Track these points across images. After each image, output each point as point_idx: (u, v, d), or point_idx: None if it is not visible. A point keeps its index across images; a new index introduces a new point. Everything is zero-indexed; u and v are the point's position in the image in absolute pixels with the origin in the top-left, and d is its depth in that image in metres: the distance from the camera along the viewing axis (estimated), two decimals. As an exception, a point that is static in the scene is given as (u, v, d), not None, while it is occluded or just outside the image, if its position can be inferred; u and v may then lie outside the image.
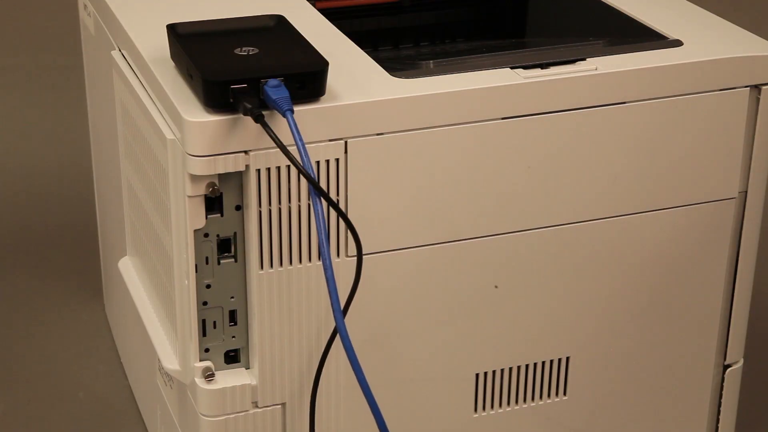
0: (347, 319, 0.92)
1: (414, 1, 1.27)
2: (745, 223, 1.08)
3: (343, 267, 0.96)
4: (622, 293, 1.07)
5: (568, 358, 1.08)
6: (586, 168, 1.01)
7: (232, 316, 0.97)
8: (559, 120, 0.98)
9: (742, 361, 1.15)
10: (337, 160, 0.93)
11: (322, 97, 0.91)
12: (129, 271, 1.13)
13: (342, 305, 0.93)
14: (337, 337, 0.95)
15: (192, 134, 0.88)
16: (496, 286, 1.02)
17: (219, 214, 0.93)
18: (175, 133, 0.91)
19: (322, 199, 0.88)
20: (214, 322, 0.96)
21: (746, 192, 1.07)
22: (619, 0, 1.16)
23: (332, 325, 0.96)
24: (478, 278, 1.01)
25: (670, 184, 1.04)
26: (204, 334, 0.96)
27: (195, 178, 0.89)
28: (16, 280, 1.55)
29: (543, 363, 1.07)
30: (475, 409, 1.07)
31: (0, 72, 2.12)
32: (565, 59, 0.99)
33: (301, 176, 0.91)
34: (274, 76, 0.88)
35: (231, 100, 0.88)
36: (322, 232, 0.87)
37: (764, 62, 1.02)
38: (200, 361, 0.96)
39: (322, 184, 0.93)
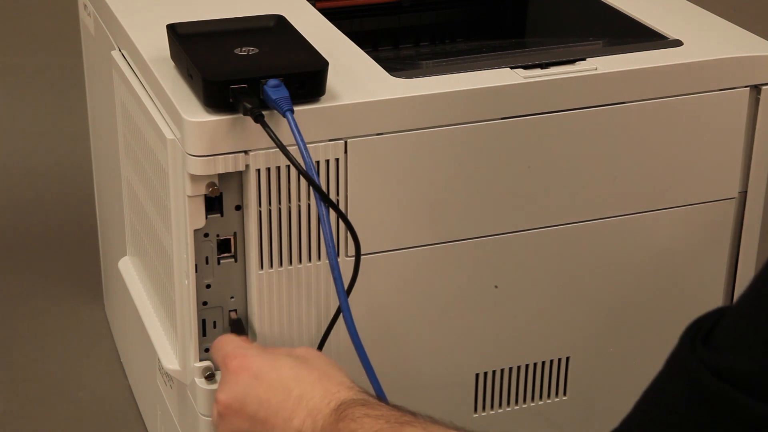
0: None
1: (414, 1, 1.27)
2: (745, 223, 1.08)
3: (343, 267, 0.95)
4: (622, 293, 1.07)
5: (568, 358, 1.08)
6: (586, 168, 1.01)
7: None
8: (559, 120, 0.98)
9: (742, 361, 1.15)
10: (337, 160, 0.93)
11: (322, 97, 0.91)
12: (129, 271, 1.13)
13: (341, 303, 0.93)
14: (336, 334, 0.95)
15: (192, 134, 0.88)
16: (496, 286, 1.02)
17: (219, 214, 0.93)
18: (175, 133, 0.91)
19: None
20: (214, 322, 0.96)
21: (746, 192, 1.07)
22: (619, 0, 1.16)
23: (329, 325, 0.96)
24: (478, 278, 1.01)
25: (670, 184, 1.04)
26: (204, 334, 0.96)
27: (195, 178, 0.89)
28: (16, 280, 1.55)
29: (543, 363, 1.07)
30: (475, 409, 1.07)
31: (0, 72, 2.12)
32: (565, 59, 0.99)
33: (301, 176, 0.91)
34: (274, 76, 0.88)
35: (231, 100, 0.88)
36: (327, 232, 0.88)
37: (764, 62, 1.02)
38: (200, 361, 0.96)
39: (322, 184, 0.93)
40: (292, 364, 0.87)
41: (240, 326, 0.95)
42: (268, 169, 0.91)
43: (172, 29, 0.95)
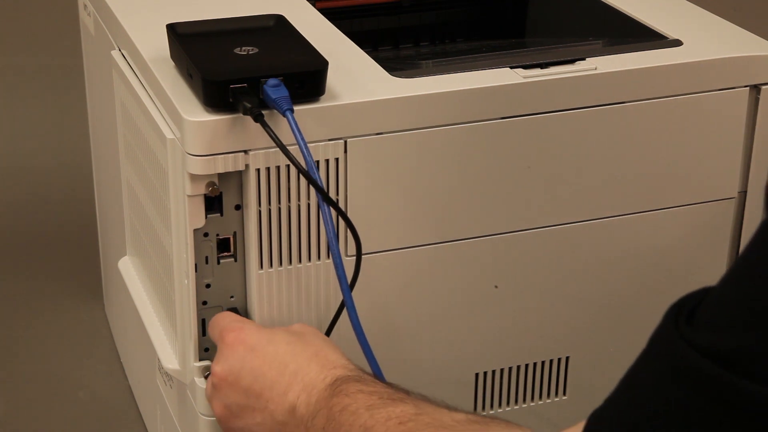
0: (345, 318, 0.92)
1: (414, 1, 1.27)
2: (745, 223, 1.08)
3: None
4: (622, 293, 1.07)
5: (568, 358, 1.08)
6: (586, 168, 1.01)
7: (232, 316, 0.97)
8: (559, 120, 0.98)
9: (742, 361, 1.14)
10: (337, 159, 0.93)
11: (322, 97, 0.91)
12: (129, 271, 1.13)
13: (341, 303, 0.93)
14: (337, 333, 0.95)
15: (192, 134, 0.88)
16: (496, 286, 1.02)
17: (219, 214, 0.93)
18: (175, 133, 0.91)
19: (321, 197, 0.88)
20: (214, 322, 0.96)
21: (746, 192, 1.07)
22: (619, 0, 1.16)
23: (330, 323, 0.96)
24: (478, 278, 1.01)
25: (670, 184, 1.04)
26: (204, 334, 0.96)
27: (195, 178, 0.89)
28: (16, 280, 1.55)
29: (543, 363, 1.07)
30: (475, 409, 1.07)
31: (0, 72, 2.12)
32: (564, 59, 0.99)
33: (301, 175, 0.91)
34: (274, 76, 0.88)
35: (231, 100, 0.88)
36: (330, 230, 0.88)
37: (764, 62, 1.02)
38: (200, 360, 0.96)
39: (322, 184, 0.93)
40: (289, 339, 0.88)
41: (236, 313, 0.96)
42: (268, 169, 0.91)
43: (172, 29, 0.95)
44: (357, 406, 0.80)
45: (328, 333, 0.95)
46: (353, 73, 0.97)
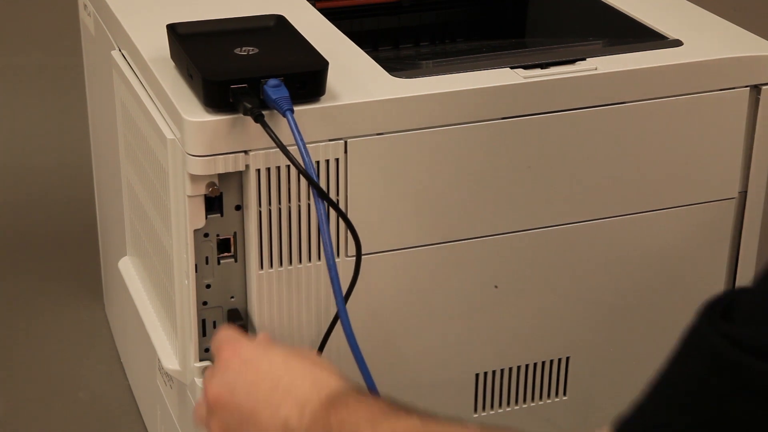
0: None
1: (414, 1, 1.27)
2: (745, 223, 1.08)
3: (343, 267, 0.96)
4: (622, 293, 1.07)
5: (568, 358, 1.08)
6: (586, 168, 1.01)
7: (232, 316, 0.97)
8: (559, 120, 0.98)
9: (742, 361, 1.14)
10: (337, 160, 0.93)
11: (322, 97, 0.91)
12: (129, 271, 1.13)
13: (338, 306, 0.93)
14: (337, 334, 0.95)
15: (192, 134, 0.88)
16: (496, 286, 1.02)
17: (219, 214, 0.93)
18: (175, 133, 0.91)
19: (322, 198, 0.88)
20: (214, 322, 0.96)
21: (746, 192, 1.07)
22: (619, 0, 1.16)
23: (330, 324, 0.96)
24: (478, 278, 1.01)
25: (670, 184, 1.04)
26: (204, 334, 0.96)
27: (195, 178, 0.89)
28: (16, 280, 1.55)
29: (543, 363, 1.07)
30: (475, 409, 1.07)
31: (0, 72, 2.12)
32: (565, 59, 0.99)
33: (301, 176, 0.91)
34: (274, 76, 0.88)
35: (231, 100, 0.88)
36: (325, 232, 0.88)
37: (764, 62, 1.02)
38: (200, 361, 0.96)
39: (322, 184, 0.93)
40: (284, 352, 0.87)
41: (237, 315, 0.96)
42: (268, 169, 0.91)
43: (172, 29, 0.95)
44: (357, 419, 0.77)
45: (327, 334, 0.95)
46: (353, 73, 0.97)
